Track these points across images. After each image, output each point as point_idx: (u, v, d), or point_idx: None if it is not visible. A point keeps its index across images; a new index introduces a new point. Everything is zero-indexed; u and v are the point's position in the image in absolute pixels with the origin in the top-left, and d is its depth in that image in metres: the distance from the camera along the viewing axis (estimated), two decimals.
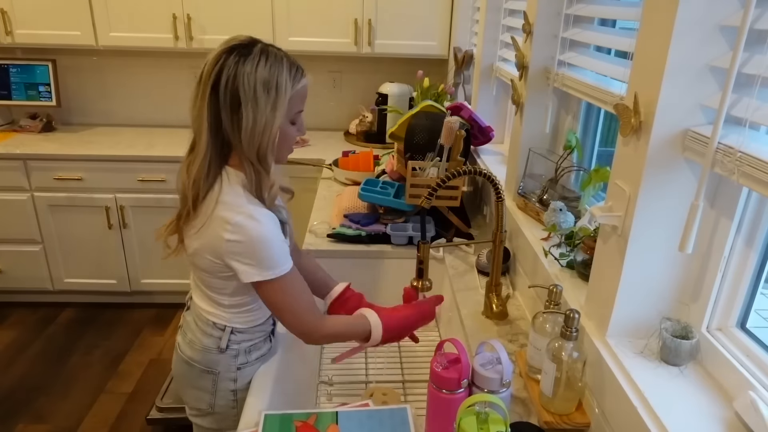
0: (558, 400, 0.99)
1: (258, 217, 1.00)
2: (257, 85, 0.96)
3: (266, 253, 1.01)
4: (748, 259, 0.88)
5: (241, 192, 1.03)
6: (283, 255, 1.04)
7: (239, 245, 1.00)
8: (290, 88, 1.00)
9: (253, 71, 0.96)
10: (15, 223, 2.78)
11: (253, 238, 1.00)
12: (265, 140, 0.99)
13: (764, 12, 0.73)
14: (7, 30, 2.71)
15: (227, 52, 0.98)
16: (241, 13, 2.71)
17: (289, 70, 1.00)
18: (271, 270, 1.02)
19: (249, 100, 0.96)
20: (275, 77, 0.98)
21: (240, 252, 1.01)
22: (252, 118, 0.97)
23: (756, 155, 0.72)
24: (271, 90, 0.97)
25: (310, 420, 0.96)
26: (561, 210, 1.34)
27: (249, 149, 1.00)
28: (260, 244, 1.01)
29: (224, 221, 0.99)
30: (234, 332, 1.14)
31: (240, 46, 0.99)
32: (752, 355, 0.86)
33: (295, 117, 1.06)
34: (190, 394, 1.20)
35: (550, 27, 1.43)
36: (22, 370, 2.52)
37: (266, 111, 0.98)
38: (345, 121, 3.16)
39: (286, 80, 0.99)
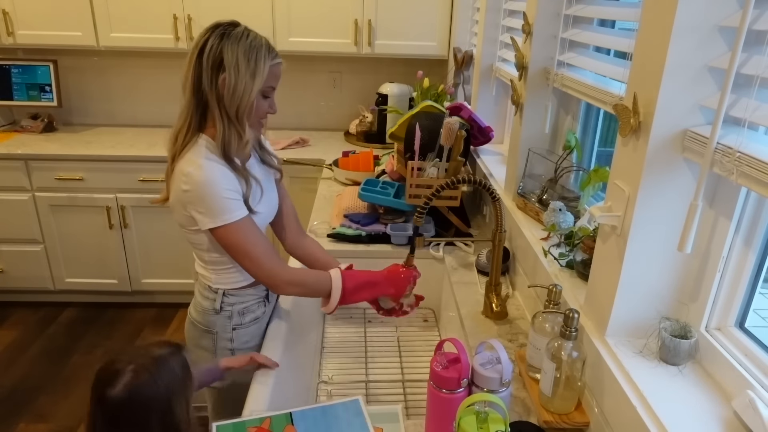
0: (557, 399, 0.99)
1: (204, 166, 1.10)
2: (239, 54, 1.10)
3: (213, 200, 1.10)
4: (746, 259, 0.89)
5: (203, 149, 1.13)
6: (232, 203, 1.12)
7: (191, 194, 1.11)
8: (267, 61, 1.13)
9: (236, 42, 1.10)
10: (16, 223, 2.79)
11: (199, 184, 1.10)
12: (243, 103, 1.11)
13: (763, 13, 0.74)
14: (8, 31, 2.72)
15: (214, 27, 1.13)
16: (242, 13, 2.71)
17: (267, 48, 1.14)
18: (220, 216, 1.11)
19: (231, 66, 1.09)
20: (255, 50, 1.11)
21: (192, 201, 1.11)
22: (234, 80, 1.10)
23: (755, 155, 0.72)
24: (251, 60, 1.10)
25: (264, 424, 0.97)
26: (560, 210, 1.35)
27: (229, 108, 1.12)
28: (205, 190, 1.10)
29: (181, 173, 1.11)
30: (226, 294, 1.24)
31: (226, 24, 1.14)
32: (751, 355, 0.86)
33: (268, 92, 1.17)
34: (196, 354, 1.28)
35: (550, 27, 1.43)
36: (24, 370, 2.52)
37: (246, 76, 1.10)
38: (345, 121, 3.16)
39: (265, 55, 1.13)
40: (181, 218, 1.17)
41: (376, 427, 0.97)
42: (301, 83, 3.15)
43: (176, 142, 1.15)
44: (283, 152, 2.79)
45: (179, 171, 1.12)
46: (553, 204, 1.36)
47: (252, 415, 1.01)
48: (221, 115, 1.12)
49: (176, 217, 1.18)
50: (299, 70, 3.11)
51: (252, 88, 1.11)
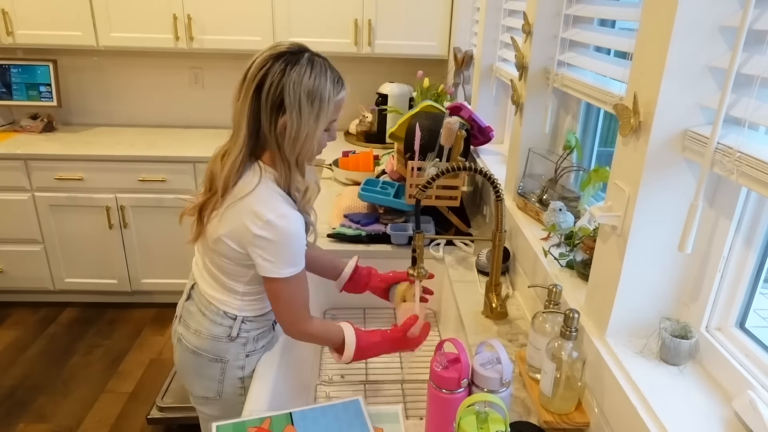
0: (557, 399, 0.99)
1: (289, 218, 1.04)
2: (302, 95, 1.00)
3: (288, 254, 1.06)
4: (747, 259, 0.89)
5: (276, 189, 1.07)
6: (301, 256, 1.09)
7: (266, 242, 1.03)
8: (333, 98, 1.04)
9: (299, 80, 1.00)
10: (16, 223, 2.79)
11: (281, 239, 1.04)
12: (306, 148, 1.05)
13: (763, 12, 0.74)
14: (8, 30, 2.72)
15: (275, 57, 1.01)
16: (242, 13, 2.71)
17: (332, 82, 1.04)
18: (288, 269, 1.07)
19: (294, 109, 1.00)
20: (319, 89, 1.01)
21: (265, 248, 1.04)
22: (296, 126, 1.02)
23: (755, 155, 0.72)
24: (314, 101, 1.01)
25: (264, 424, 0.97)
26: (561, 210, 1.35)
27: (290, 154, 1.05)
28: (285, 246, 1.05)
29: (256, 215, 1.02)
30: (245, 321, 1.17)
31: (288, 54, 1.02)
32: (751, 355, 0.86)
33: (330, 125, 1.10)
34: (197, 383, 1.22)
35: (550, 27, 1.43)
36: (23, 370, 2.52)
37: (309, 121, 1.02)
38: (345, 121, 3.16)
39: (330, 92, 1.03)
40: (228, 252, 1.08)
41: (376, 427, 0.97)
42: None
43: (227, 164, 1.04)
44: None
45: (250, 211, 1.02)
46: (553, 204, 1.36)
47: (252, 415, 1.01)
48: (281, 159, 1.05)
49: (221, 248, 1.09)
50: None
51: (315, 131, 1.04)
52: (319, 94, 1.02)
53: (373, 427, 0.96)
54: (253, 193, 1.04)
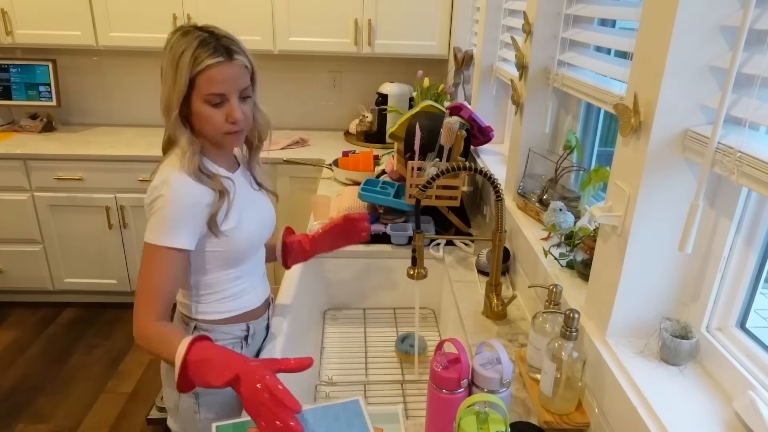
0: (558, 399, 0.99)
1: (171, 183, 1.03)
2: (167, 62, 1.03)
3: (159, 218, 1.02)
4: (747, 259, 0.89)
5: (176, 160, 1.06)
6: (176, 229, 1.02)
7: (149, 207, 1.04)
8: (189, 65, 1.01)
9: (169, 48, 1.03)
10: (15, 223, 2.79)
11: (155, 201, 1.03)
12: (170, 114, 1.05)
13: (764, 12, 0.73)
14: (7, 30, 2.71)
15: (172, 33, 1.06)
16: (241, 13, 2.71)
17: (194, 48, 1.01)
18: (151, 233, 1.02)
19: (162, 76, 1.05)
20: (178, 57, 1.01)
21: (149, 213, 1.04)
22: (164, 93, 1.05)
23: (756, 155, 0.72)
24: (172, 66, 1.02)
25: None
26: (561, 210, 1.35)
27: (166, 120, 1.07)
28: (159, 209, 1.02)
29: (149, 186, 1.06)
30: (198, 328, 1.15)
31: (182, 28, 1.05)
32: (752, 355, 0.86)
33: (212, 98, 1.04)
34: (165, 391, 1.22)
35: (550, 27, 1.43)
36: (23, 370, 2.52)
37: (168, 85, 1.03)
38: (345, 121, 3.16)
39: (187, 58, 1.01)
40: None
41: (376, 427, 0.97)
42: (301, 83, 3.15)
43: None
44: (283, 152, 2.78)
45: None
46: (554, 204, 1.36)
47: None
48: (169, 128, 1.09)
49: None
50: (299, 69, 3.11)
51: (173, 97, 1.03)
52: (176, 61, 1.01)
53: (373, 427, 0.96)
54: None
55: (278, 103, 3.14)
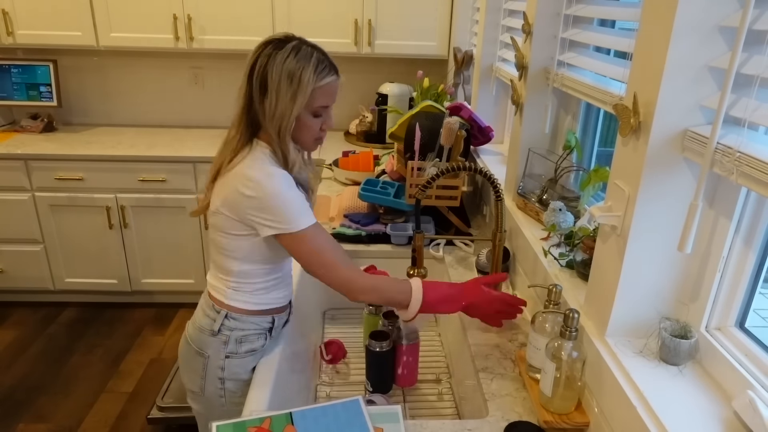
0: (557, 399, 0.99)
1: (276, 175, 1.09)
2: (282, 76, 1.07)
3: (285, 209, 1.08)
4: (746, 259, 0.89)
5: (266, 156, 1.12)
6: (303, 211, 1.11)
7: (257, 201, 1.07)
8: (312, 82, 1.09)
9: (282, 63, 1.07)
10: (16, 223, 2.79)
11: (269, 193, 1.07)
12: (283, 125, 1.10)
13: (763, 12, 0.74)
14: (8, 30, 2.72)
15: (264, 44, 1.10)
16: (242, 13, 2.71)
17: (315, 66, 1.09)
18: (289, 224, 1.08)
19: (274, 88, 1.08)
20: (299, 71, 1.07)
21: (258, 207, 1.07)
22: (274, 104, 1.08)
23: (755, 155, 0.72)
24: (293, 81, 1.07)
25: (264, 424, 0.96)
26: (560, 210, 1.35)
27: (271, 130, 1.11)
28: (278, 201, 1.08)
29: (245, 177, 1.08)
30: (228, 317, 1.18)
31: (276, 41, 1.10)
32: (751, 355, 0.86)
33: (319, 110, 1.14)
34: (186, 374, 1.25)
35: (550, 27, 1.43)
36: (23, 370, 2.52)
37: (286, 99, 1.08)
38: (345, 121, 3.16)
39: (310, 75, 1.08)
40: (225, 223, 1.12)
41: (376, 427, 0.97)
42: None
43: (227, 148, 1.13)
44: None
45: (240, 174, 1.08)
46: (553, 204, 1.36)
47: (252, 415, 1.01)
48: (269, 135, 1.12)
49: (218, 220, 1.14)
50: None
51: (292, 110, 1.09)
52: (299, 75, 1.07)
53: (373, 427, 0.96)
54: (242, 162, 1.10)
55: None
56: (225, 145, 1.15)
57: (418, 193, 1.24)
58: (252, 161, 1.10)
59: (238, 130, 1.12)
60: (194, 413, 1.30)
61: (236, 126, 1.13)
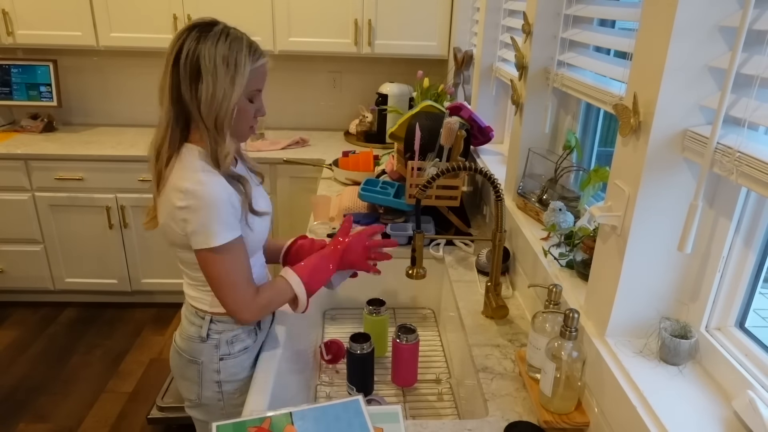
0: (557, 399, 0.99)
1: (208, 183, 1.04)
2: (217, 59, 1.02)
3: (213, 220, 1.04)
4: (746, 259, 0.89)
5: (196, 161, 1.06)
6: (230, 224, 1.06)
7: (188, 212, 1.03)
8: (249, 64, 1.05)
9: (214, 46, 1.02)
10: (16, 223, 2.79)
11: (201, 204, 1.03)
12: (222, 111, 1.04)
13: (763, 12, 0.74)
14: (8, 30, 2.72)
15: (189, 29, 1.05)
16: (241, 13, 2.71)
17: (248, 48, 1.06)
18: (216, 237, 1.04)
19: (209, 73, 1.02)
20: (234, 53, 1.03)
21: (189, 219, 1.04)
22: (211, 89, 1.02)
23: (755, 155, 0.72)
24: (230, 65, 1.03)
25: (264, 424, 0.96)
26: (560, 210, 1.35)
27: (207, 118, 1.04)
28: (207, 211, 1.03)
29: (177, 189, 1.04)
30: (214, 321, 1.17)
31: (202, 24, 1.06)
32: (751, 355, 0.86)
33: (254, 95, 1.10)
34: (182, 384, 1.24)
35: (550, 27, 1.43)
36: (23, 370, 2.52)
37: (225, 83, 1.03)
38: (345, 121, 3.16)
39: (245, 57, 1.04)
40: (173, 237, 1.09)
41: (376, 427, 0.97)
42: (301, 83, 3.15)
43: (159, 157, 1.07)
44: (283, 152, 2.79)
45: (172, 187, 1.04)
46: (553, 204, 1.36)
47: (252, 415, 1.01)
48: (204, 127, 1.05)
49: (168, 236, 1.11)
50: (299, 69, 3.11)
51: (232, 95, 1.04)
52: (234, 58, 1.03)
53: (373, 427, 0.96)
54: (173, 172, 1.05)
55: (278, 103, 3.14)
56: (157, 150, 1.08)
57: (418, 193, 1.24)
58: (180, 170, 1.05)
59: (167, 127, 1.06)
60: (194, 422, 1.29)
61: (164, 122, 1.06)
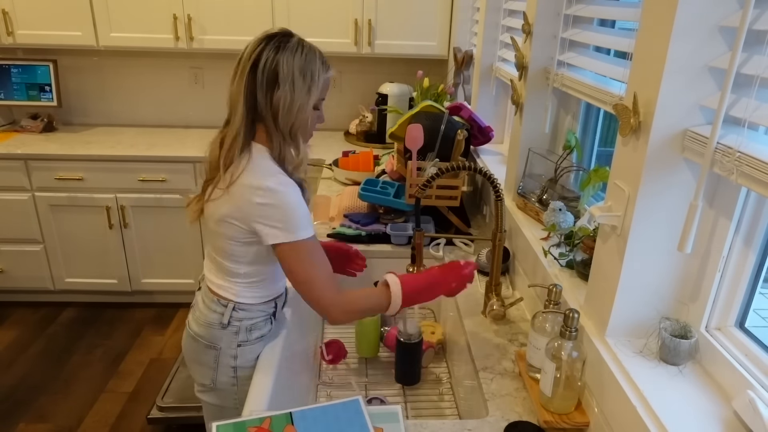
0: (557, 399, 0.99)
1: (289, 185, 1.10)
2: (295, 70, 1.08)
3: (293, 216, 1.09)
4: (746, 259, 0.89)
5: (270, 163, 1.12)
6: (307, 221, 1.12)
7: (270, 208, 1.07)
8: (323, 74, 1.13)
9: (292, 57, 1.08)
10: (16, 223, 2.79)
11: (282, 201, 1.08)
12: (299, 119, 1.11)
13: (763, 12, 0.74)
14: (8, 30, 2.72)
15: (268, 38, 1.10)
16: (242, 13, 2.71)
17: (321, 60, 1.13)
18: (295, 233, 1.09)
19: (287, 82, 1.08)
20: (311, 65, 1.10)
21: (269, 215, 1.08)
22: (289, 98, 1.08)
23: (755, 155, 0.72)
24: (306, 75, 1.09)
25: (264, 424, 0.96)
26: (560, 210, 1.35)
27: (284, 126, 1.11)
28: (288, 207, 1.08)
29: (255, 187, 1.08)
30: (236, 309, 1.20)
31: (280, 35, 1.11)
32: (751, 355, 0.86)
33: (319, 104, 1.17)
34: (196, 369, 1.26)
35: (550, 27, 1.43)
36: (23, 370, 2.52)
37: (302, 93, 1.09)
38: (345, 121, 3.16)
39: (319, 68, 1.12)
40: (231, 230, 1.12)
41: (376, 427, 0.97)
42: None
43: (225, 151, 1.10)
44: None
45: (249, 184, 1.07)
46: (553, 204, 1.36)
47: (252, 415, 1.01)
48: (277, 132, 1.11)
49: (224, 228, 1.13)
50: None
51: (307, 104, 1.11)
52: (310, 69, 1.09)
53: (373, 427, 0.96)
54: (247, 169, 1.09)
55: None
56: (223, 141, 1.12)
57: (418, 192, 1.24)
58: (258, 169, 1.09)
59: (240, 130, 1.09)
60: (203, 405, 1.31)
61: (237, 125, 1.09)
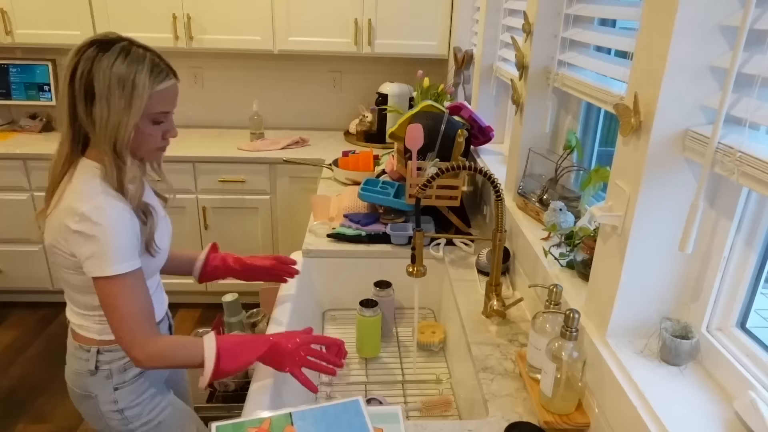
0: (558, 399, 0.99)
1: (107, 210, 0.99)
2: (111, 81, 0.96)
3: (110, 249, 0.98)
4: (748, 259, 0.88)
5: (96, 182, 1.01)
6: (126, 254, 1.00)
7: (83, 237, 0.98)
8: (148, 87, 0.99)
9: (110, 67, 0.96)
10: (15, 223, 2.78)
11: (95, 231, 0.97)
12: (120, 136, 0.99)
13: (764, 12, 0.73)
14: (7, 30, 2.71)
15: (88, 45, 0.98)
16: (241, 13, 2.71)
17: (150, 70, 1.00)
18: (109, 267, 0.98)
19: (103, 96, 0.97)
20: (132, 75, 0.97)
21: (83, 244, 0.98)
22: (106, 113, 0.97)
23: (756, 155, 0.72)
24: (126, 87, 0.97)
25: (264, 424, 0.96)
26: (561, 210, 1.34)
27: (104, 143, 1.00)
28: (101, 238, 0.97)
29: (72, 210, 0.98)
30: (101, 351, 1.10)
31: (101, 41, 0.99)
32: (752, 355, 0.86)
33: (159, 117, 1.04)
34: (87, 418, 1.17)
35: (550, 27, 1.43)
36: (23, 370, 2.52)
37: (119, 107, 0.97)
38: (345, 121, 3.16)
39: (145, 79, 0.99)
40: (64, 261, 1.03)
41: (376, 427, 0.97)
42: (301, 83, 3.15)
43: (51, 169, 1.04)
44: (283, 152, 2.78)
45: (68, 207, 0.98)
46: (554, 204, 1.36)
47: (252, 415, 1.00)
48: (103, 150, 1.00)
49: (56, 259, 1.04)
50: (299, 69, 3.11)
51: (128, 120, 0.98)
52: (131, 80, 0.97)
53: (373, 427, 0.96)
54: (68, 189, 1.00)
55: (278, 103, 3.14)
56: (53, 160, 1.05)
57: (418, 192, 1.24)
58: (78, 190, 1.00)
59: (64, 145, 1.02)
60: None
61: (61, 140, 1.02)
